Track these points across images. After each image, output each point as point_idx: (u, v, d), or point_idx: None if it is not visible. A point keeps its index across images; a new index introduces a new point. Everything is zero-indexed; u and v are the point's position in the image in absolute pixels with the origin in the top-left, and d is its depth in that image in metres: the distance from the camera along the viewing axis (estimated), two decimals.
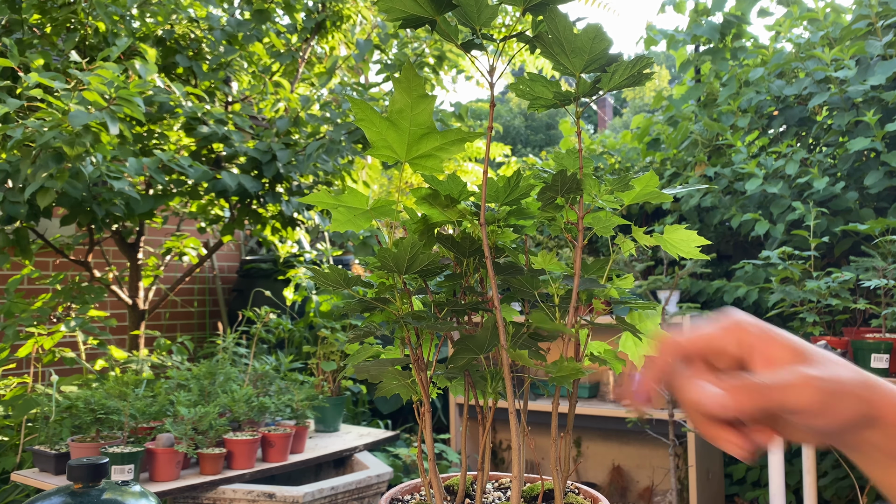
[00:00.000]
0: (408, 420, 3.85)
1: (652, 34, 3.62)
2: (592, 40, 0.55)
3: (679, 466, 3.01)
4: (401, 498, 0.65)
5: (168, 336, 3.73)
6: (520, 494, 0.59)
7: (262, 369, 2.31)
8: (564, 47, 0.57)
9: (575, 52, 0.57)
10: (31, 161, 2.08)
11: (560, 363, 0.59)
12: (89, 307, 2.60)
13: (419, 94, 0.58)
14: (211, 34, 2.94)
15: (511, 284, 0.64)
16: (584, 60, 0.57)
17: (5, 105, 2.01)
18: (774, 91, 3.11)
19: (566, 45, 0.57)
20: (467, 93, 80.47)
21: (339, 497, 1.89)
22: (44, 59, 2.42)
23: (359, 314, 0.65)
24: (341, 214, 0.66)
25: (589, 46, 0.56)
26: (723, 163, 3.25)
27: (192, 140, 2.82)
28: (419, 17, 0.57)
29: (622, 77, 0.58)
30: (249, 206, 2.88)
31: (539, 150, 13.51)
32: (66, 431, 1.86)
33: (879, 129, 2.65)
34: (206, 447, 1.87)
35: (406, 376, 0.64)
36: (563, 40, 0.56)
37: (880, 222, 2.36)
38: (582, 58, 0.57)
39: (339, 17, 3.28)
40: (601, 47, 0.56)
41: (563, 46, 0.57)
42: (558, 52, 0.57)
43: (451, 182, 0.63)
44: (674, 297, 2.85)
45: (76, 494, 0.78)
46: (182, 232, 3.28)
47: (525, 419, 0.62)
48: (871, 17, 2.93)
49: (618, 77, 0.58)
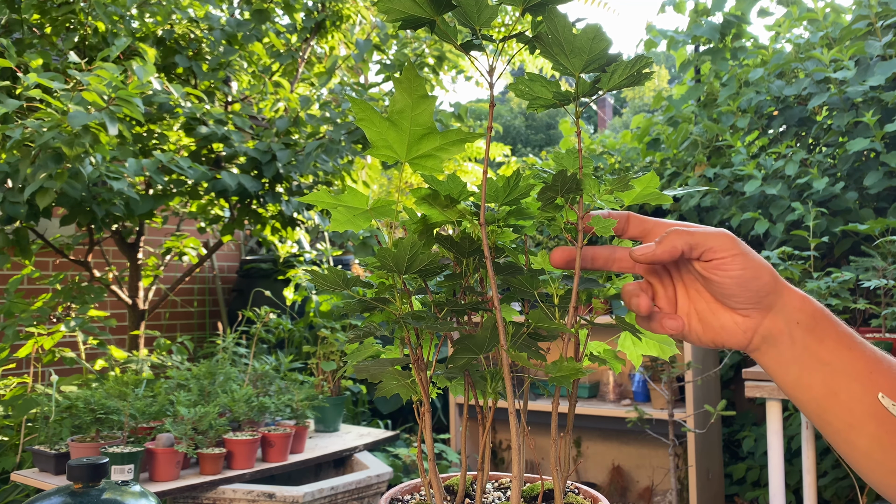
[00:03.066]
0: (408, 420, 3.85)
1: (652, 35, 3.62)
2: (592, 40, 0.55)
3: (679, 466, 3.01)
4: (401, 498, 0.65)
5: (168, 336, 3.73)
6: (520, 494, 0.59)
7: (262, 369, 2.31)
8: (564, 47, 0.57)
9: (574, 53, 0.57)
10: (31, 161, 2.08)
11: (560, 363, 0.59)
12: (89, 307, 2.60)
13: (420, 94, 0.58)
14: (210, 34, 2.94)
15: (511, 284, 0.64)
16: (583, 61, 0.57)
17: (4, 105, 2.01)
18: (774, 91, 3.11)
19: (565, 46, 0.57)
20: (467, 93, 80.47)
21: (338, 497, 1.89)
22: (43, 59, 2.42)
23: (359, 314, 0.65)
24: (341, 214, 0.66)
25: (588, 46, 0.56)
26: (722, 163, 3.25)
27: (191, 140, 2.82)
28: (418, 18, 0.57)
29: (621, 77, 0.58)
30: (249, 206, 2.88)
31: (539, 150, 13.50)
32: (66, 431, 1.86)
33: (879, 129, 2.65)
34: (205, 447, 1.87)
35: (406, 376, 0.64)
36: (562, 40, 0.56)
37: (880, 222, 2.36)
38: (581, 58, 0.57)
39: (338, 16, 3.28)
40: (601, 47, 0.56)
41: (562, 47, 0.57)
42: (558, 53, 0.57)
43: (451, 182, 0.63)
44: None
45: (76, 494, 0.78)
46: (182, 232, 3.28)
47: (525, 419, 0.62)
48: (871, 17, 2.93)
49: (617, 77, 0.58)
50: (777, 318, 0.58)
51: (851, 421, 0.57)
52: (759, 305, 0.58)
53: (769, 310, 0.59)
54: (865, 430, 0.57)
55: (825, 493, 2.73)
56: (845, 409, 0.57)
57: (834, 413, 0.58)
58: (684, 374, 2.82)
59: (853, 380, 0.57)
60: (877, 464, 0.58)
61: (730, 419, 3.27)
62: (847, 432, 0.58)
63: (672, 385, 2.53)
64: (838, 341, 0.58)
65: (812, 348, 0.58)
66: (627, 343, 0.71)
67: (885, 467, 0.57)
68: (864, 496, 2.28)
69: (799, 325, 0.58)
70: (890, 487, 0.58)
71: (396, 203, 0.64)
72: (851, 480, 2.63)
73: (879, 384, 0.57)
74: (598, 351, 0.69)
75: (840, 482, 2.71)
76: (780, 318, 0.58)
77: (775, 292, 0.58)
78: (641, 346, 0.70)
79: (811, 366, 0.58)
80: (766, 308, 0.58)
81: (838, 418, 0.58)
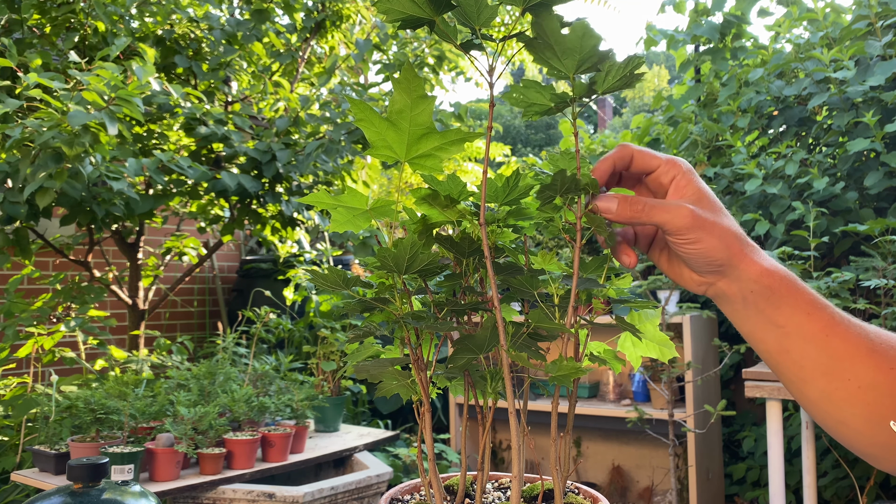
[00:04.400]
0: (408, 420, 3.85)
1: (652, 34, 3.62)
2: (581, 38, 0.55)
3: (679, 466, 3.01)
4: (400, 498, 0.65)
5: (168, 336, 3.73)
6: (520, 494, 0.59)
7: (262, 369, 2.31)
8: (555, 49, 0.57)
9: (566, 53, 0.57)
10: (31, 161, 2.08)
11: (559, 363, 0.59)
12: (89, 307, 2.60)
13: (419, 94, 0.58)
14: (210, 34, 2.93)
15: (511, 284, 0.64)
16: (576, 60, 0.57)
17: (5, 105, 2.01)
18: (774, 91, 3.11)
19: (556, 47, 0.56)
20: (467, 93, 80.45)
21: (338, 497, 1.89)
22: (43, 59, 2.42)
23: (359, 314, 0.65)
24: (340, 215, 0.66)
25: (579, 45, 0.56)
26: (722, 163, 3.25)
27: (191, 140, 2.82)
28: (418, 18, 0.57)
29: (616, 77, 0.58)
30: (249, 206, 2.88)
31: (539, 150, 13.50)
32: (66, 431, 1.86)
33: (879, 129, 2.65)
34: (205, 447, 1.86)
35: (406, 376, 0.64)
36: (552, 42, 0.56)
37: (880, 222, 2.36)
38: (573, 58, 0.57)
39: (338, 16, 3.28)
40: (591, 44, 0.56)
41: (553, 49, 0.57)
42: (550, 56, 0.57)
43: (451, 182, 0.63)
44: (674, 296, 2.85)
45: (76, 494, 0.78)
46: (182, 232, 3.28)
47: (525, 419, 0.62)
48: (871, 17, 2.93)
49: (612, 78, 0.58)
50: (731, 284, 0.62)
51: (803, 376, 0.62)
52: (714, 274, 0.62)
53: (724, 276, 0.62)
54: (816, 385, 0.62)
55: (825, 493, 2.73)
56: (797, 366, 0.62)
57: (786, 366, 0.63)
58: (684, 374, 2.82)
59: (807, 342, 0.61)
60: (825, 414, 0.63)
61: (730, 419, 3.27)
62: (799, 384, 0.63)
63: (672, 385, 2.53)
64: (795, 307, 0.61)
65: (766, 312, 0.62)
66: (627, 344, 0.71)
67: (833, 417, 0.62)
68: (864, 496, 2.28)
69: (753, 293, 0.62)
70: (838, 434, 0.64)
71: (396, 203, 0.64)
72: (851, 480, 2.63)
73: (834, 346, 0.60)
74: (598, 351, 0.69)
75: (840, 482, 2.70)
76: (734, 285, 0.62)
77: (731, 265, 0.61)
78: (641, 347, 0.70)
79: (764, 326, 0.62)
80: (721, 275, 0.62)
81: (790, 371, 0.63)
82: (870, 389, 0.60)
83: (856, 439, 0.63)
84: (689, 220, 0.59)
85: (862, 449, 0.63)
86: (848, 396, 0.61)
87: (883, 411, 0.60)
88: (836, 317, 0.62)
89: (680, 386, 2.94)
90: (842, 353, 0.61)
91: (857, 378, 0.60)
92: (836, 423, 0.63)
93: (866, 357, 0.60)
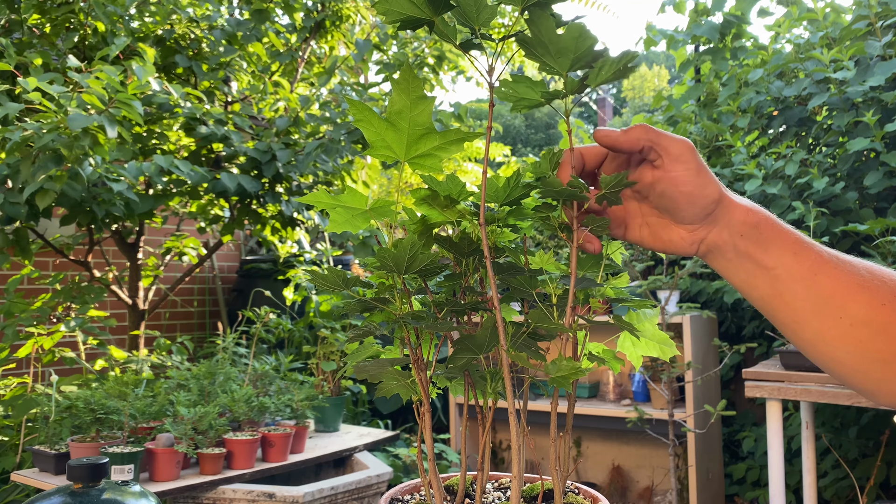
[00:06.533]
0: (408, 420, 3.85)
1: (652, 34, 3.62)
2: (577, 39, 0.55)
3: (679, 466, 3.01)
4: (401, 498, 0.65)
5: (168, 336, 3.73)
6: (519, 494, 0.59)
7: (261, 369, 2.31)
8: (549, 48, 0.57)
9: (560, 53, 0.57)
10: (31, 162, 2.08)
11: (558, 363, 0.59)
12: (89, 307, 2.60)
13: (418, 95, 0.58)
14: (210, 34, 2.93)
15: (510, 284, 0.64)
16: (570, 60, 0.57)
17: (4, 108, 2.01)
18: (774, 91, 3.11)
19: (550, 47, 0.56)
20: (467, 92, 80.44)
21: (339, 497, 1.89)
22: (43, 60, 2.42)
23: (359, 314, 0.65)
24: (339, 215, 0.66)
25: (574, 45, 0.56)
26: (722, 163, 3.25)
27: (191, 140, 2.82)
28: (417, 19, 0.57)
29: (609, 72, 0.58)
30: (249, 206, 2.87)
31: (539, 150, 13.49)
32: (65, 431, 1.86)
33: (879, 129, 2.65)
34: (205, 447, 1.87)
35: (406, 376, 0.64)
36: (546, 41, 0.56)
37: (880, 222, 2.35)
38: (568, 57, 0.57)
39: (338, 16, 3.28)
40: (586, 45, 0.56)
41: (547, 48, 0.57)
42: (543, 54, 0.57)
43: (450, 182, 0.63)
44: (674, 297, 2.85)
45: (76, 494, 0.78)
46: (182, 232, 3.28)
47: (525, 419, 0.62)
48: (871, 17, 2.93)
49: (605, 72, 0.58)
50: (722, 231, 0.64)
51: (795, 318, 0.64)
52: (706, 221, 0.63)
53: (714, 224, 0.64)
54: (809, 326, 0.63)
55: (825, 493, 2.73)
56: (789, 309, 0.64)
57: (780, 311, 0.64)
58: (684, 374, 2.82)
59: (796, 282, 0.63)
60: (820, 354, 0.64)
61: (730, 419, 3.27)
62: (793, 327, 0.64)
63: (672, 385, 2.53)
64: (783, 248, 0.63)
65: (756, 256, 0.63)
66: (627, 343, 0.71)
67: (828, 357, 0.64)
68: (864, 496, 2.28)
69: (743, 237, 0.63)
70: (834, 373, 0.65)
71: (396, 203, 0.64)
72: (851, 480, 2.63)
73: (823, 285, 0.62)
74: (598, 351, 0.69)
75: (840, 482, 2.70)
76: (724, 232, 0.64)
77: (721, 205, 0.63)
78: (641, 346, 0.70)
79: (755, 272, 0.64)
80: (712, 223, 0.64)
81: (784, 314, 0.64)
82: (862, 326, 0.61)
83: (852, 377, 0.64)
84: (691, 149, 0.61)
85: (859, 386, 0.64)
86: (841, 335, 0.62)
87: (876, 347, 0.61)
88: (825, 255, 0.63)
89: (680, 386, 2.94)
90: (831, 291, 0.61)
91: (849, 316, 0.61)
92: (831, 363, 0.64)
93: (857, 294, 0.61)
